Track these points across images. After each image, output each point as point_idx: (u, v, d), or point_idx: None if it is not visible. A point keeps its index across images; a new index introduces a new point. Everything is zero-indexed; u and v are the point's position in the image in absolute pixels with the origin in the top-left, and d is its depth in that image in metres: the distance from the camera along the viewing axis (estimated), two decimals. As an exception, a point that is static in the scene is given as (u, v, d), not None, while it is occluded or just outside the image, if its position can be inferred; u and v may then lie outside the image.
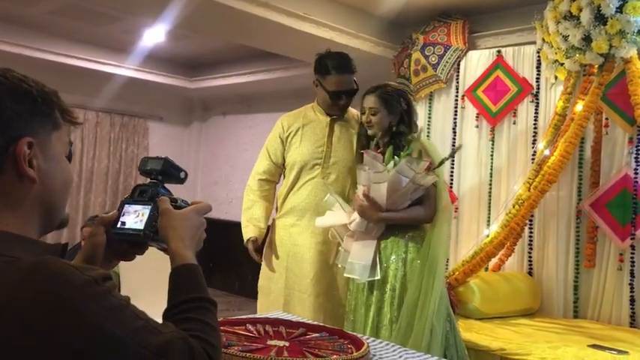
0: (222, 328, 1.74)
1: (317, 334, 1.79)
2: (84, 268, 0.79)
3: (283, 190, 2.80)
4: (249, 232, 2.74)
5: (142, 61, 5.99)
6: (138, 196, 1.10)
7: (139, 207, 1.08)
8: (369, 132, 2.55)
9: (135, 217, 1.07)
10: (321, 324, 2.07)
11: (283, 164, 2.79)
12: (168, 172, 1.13)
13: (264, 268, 2.83)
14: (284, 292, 2.70)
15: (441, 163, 2.44)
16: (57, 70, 5.66)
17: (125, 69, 6.02)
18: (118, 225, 1.07)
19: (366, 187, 2.42)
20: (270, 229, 2.84)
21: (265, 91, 6.41)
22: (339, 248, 2.55)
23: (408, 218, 2.42)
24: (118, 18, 4.82)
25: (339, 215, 2.49)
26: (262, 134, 6.55)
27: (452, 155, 2.43)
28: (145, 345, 0.78)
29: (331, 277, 2.65)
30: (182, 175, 1.16)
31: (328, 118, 2.75)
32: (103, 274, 0.80)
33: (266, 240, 2.81)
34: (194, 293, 0.95)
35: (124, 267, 3.03)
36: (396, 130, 2.51)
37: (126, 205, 1.09)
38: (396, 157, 2.43)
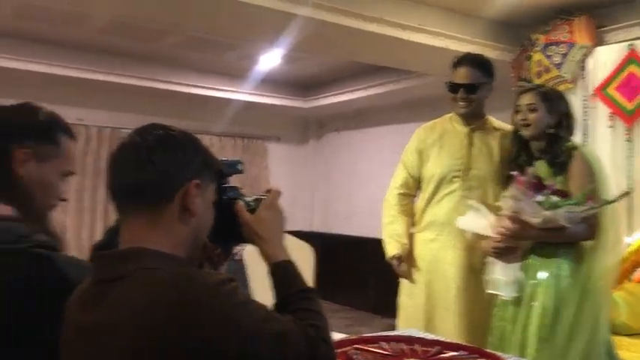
0: (355, 345, 1.74)
1: (454, 353, 1.73)
2: (212, 273, 0.99)
3: (421, 204, 2.72)
4: (392, 248, 2.68)
5: (259, 84, 6.22)
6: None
7: None
8: (525, 133, 2.34)
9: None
10: (459, 342, 1.99)
11: (420, 177, 2.73)
12: (228, 171, 1.19)
13: (403, 283, 2.77)
14: (424, 308, 2.61)
15: (606, 203, 2.18)
16: (181, 99, 6.06)
17: (243, 94, 6.28)
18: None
19: (515, 212, 2.22)
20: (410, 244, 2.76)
21: (378, 104, 6.41)
22: (487, 259, 2.40)
23: (566, 236, 2.20)
24: (236, 46, 5.06)
25: (482, 223, 2.35)
26: (376, 147, 6.62)
27: (617, 200, 2.19)
28: (269, 332, 0.92)
29: (475, 294, 2.53)
30: (239, 166, 1.20)
31: (467, 129, 2.64)
32: (228, 277, 0.95)
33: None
34: (293, 287, 1.07)
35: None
36: (554, 135, 2.30)
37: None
38: (553, 171, 2.25)
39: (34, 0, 3.98)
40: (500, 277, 2.29)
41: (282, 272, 1.09)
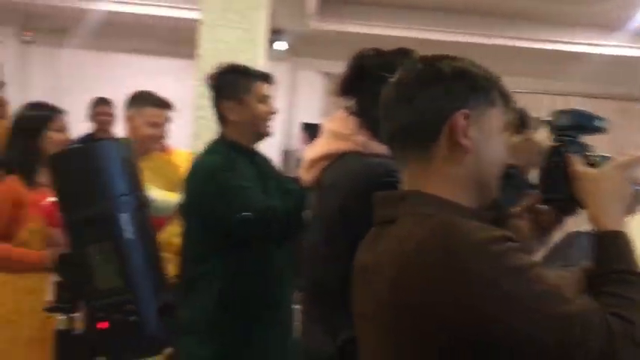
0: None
1: None
2: (484, 228, 0.81)
3: None
4: None
5: (638, 35, 5.24)
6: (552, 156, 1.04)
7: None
8: None
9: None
10: None
11: None
12: (579, 124, 1.04)
13: None
14: None
15: None
16: (546, 57, 5.56)
17: (618, 47, 5.41)
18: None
19: None
20: None
21: None
22: None
23: None
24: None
25: None
26: None
27: None
28: (544, 310, 0.75)
29: None
30: (596, 122, 1.04)
31: None
32: (504, 235, 0.81)
33: None
34: (613, 264, 0.85)
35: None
36: None
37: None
38: None
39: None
40: None
41: (605, 244, 0.88)
